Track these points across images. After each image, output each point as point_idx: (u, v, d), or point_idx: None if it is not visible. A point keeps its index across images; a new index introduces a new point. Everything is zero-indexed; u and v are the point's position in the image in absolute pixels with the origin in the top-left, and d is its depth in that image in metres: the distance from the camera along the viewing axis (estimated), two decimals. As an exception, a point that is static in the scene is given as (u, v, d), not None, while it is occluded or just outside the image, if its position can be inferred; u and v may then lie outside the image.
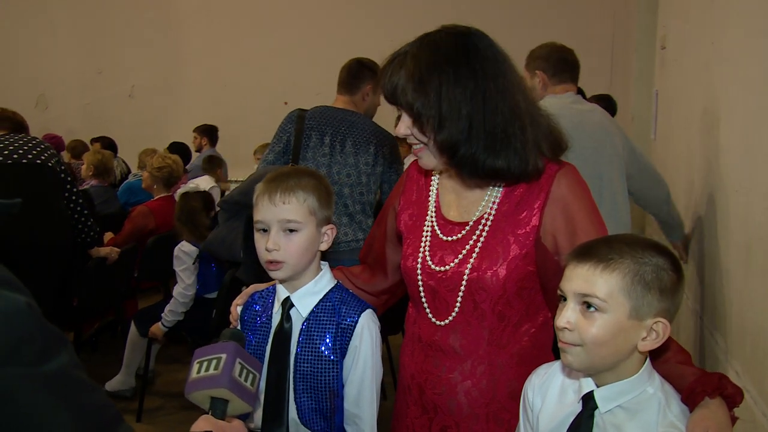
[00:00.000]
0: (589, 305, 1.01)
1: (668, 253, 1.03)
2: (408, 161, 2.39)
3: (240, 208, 2.48)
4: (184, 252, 3.13)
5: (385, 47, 1.27)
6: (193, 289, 3.13)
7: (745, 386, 1.61)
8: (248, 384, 1.02)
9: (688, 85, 2.84)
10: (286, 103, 5.65)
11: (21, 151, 2.90)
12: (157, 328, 3.16)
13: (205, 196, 3.41)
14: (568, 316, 1.02)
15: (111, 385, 3.39)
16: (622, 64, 5.51)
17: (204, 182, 4.57)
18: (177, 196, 3.34)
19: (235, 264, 2.69)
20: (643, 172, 2.44)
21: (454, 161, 1.22)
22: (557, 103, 2.24)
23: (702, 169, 2.40)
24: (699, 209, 2.42)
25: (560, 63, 2.45)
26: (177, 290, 3.13)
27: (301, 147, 2.59)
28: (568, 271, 1.04)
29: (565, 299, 1.04)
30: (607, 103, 4.06)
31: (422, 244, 1.31)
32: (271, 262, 1.29)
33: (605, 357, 1.02)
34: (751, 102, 1.79)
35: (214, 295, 3.19)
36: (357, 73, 2.74)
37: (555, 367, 1.16)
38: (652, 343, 1.01)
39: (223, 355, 1.01)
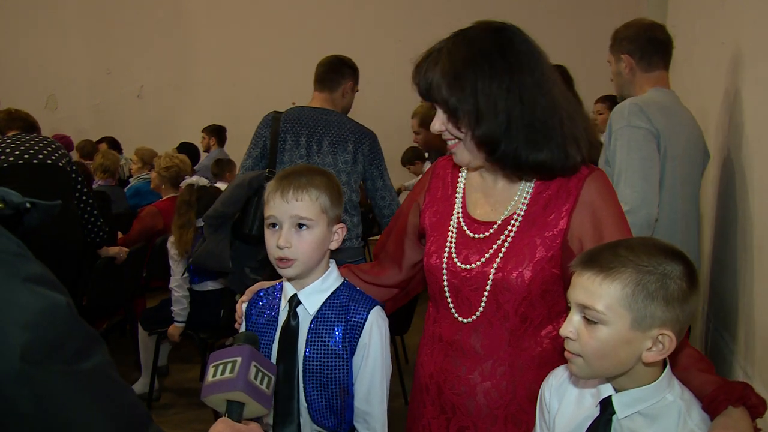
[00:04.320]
0: (589, 316, 0.99)
1: (681, 259, 0.99)
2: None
3: (224, 220, 2.47)
4: (172, 242, 3.17)
5: (392, 47, 1.28)
6: (186, 278, 3.16)
7: (755, 387, 1.60)
8: (264, 387, 1.02)
9: (697, 85, 2.82)
10: (294, 103, 5.66)
11: (32, 151, 2.92)
12: (174, 328, 3.18)
13: (208, 190, 3.42)
14: (571, 325, 1.01)
15: (135, 388, 3.42)
16: (631, 63, 5.47)
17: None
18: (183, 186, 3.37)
19: (225, 273, 2.70)
20: None
21: (495, 156, 1.22)
22: (668, 100, 2.04)
23: (712, 169, 2.38)
24: (709, 210, 2.41)
25: (650, 44, 2.12)
26: (171, 284, 3.17)
27: (277, 150, 2.58)
28: (574, 279, 1.03)
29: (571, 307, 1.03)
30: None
31: (448, 242, 1.31)
32: (281, 259, 1.29)
33: (608, 368, 1.01)
34: (761, 101, 1.79)
35: (206, 287, 3.21)
36: (338, 70, 2.73)
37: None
38: (657, 354, 0.98)
39: (238, 359, 1.01)
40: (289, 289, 1.35)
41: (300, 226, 1.29)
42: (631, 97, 2.09)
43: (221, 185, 4.70)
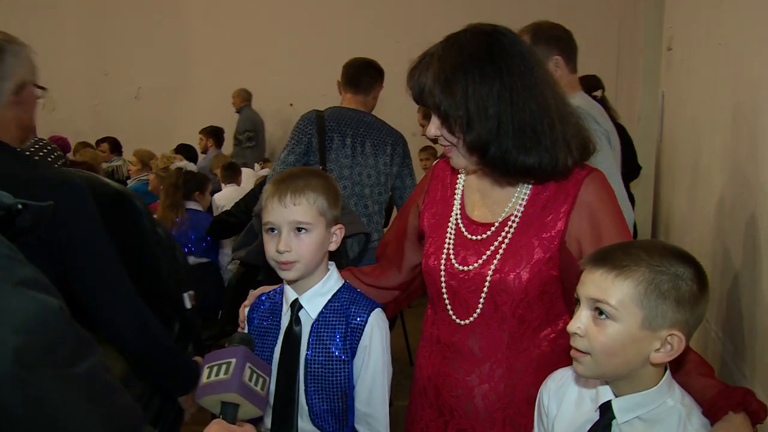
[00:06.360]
0: (600, 312, 0.99)
1: (692, 262, 1.00)
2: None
3: None
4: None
5: (390, 48, 1.28)
6: None
7: (753, 389, 1.60)
8: (258, 388, 1.02)
9: (694, 86, 2.83)
10: (291, 105, 5.67)
11: (27, 153, 2.91)
12: None
13: (196, 176, 3.46)
14: (579, 321, 1.01)
15: None
16: (629, 65, 5.50)
17: (232, 193, 4.32)
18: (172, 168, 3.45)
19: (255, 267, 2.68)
20: None
21: (485, 160, 1.22)
22: (595, 107, 2.00)
23: (709, 170, 2.39)
24: (706, 210, 2.41)
25: (572, 44, 2.07)
26: None
27: (325, 148, 2.62)
28: (584, 276, 1.03)
29: (580, 304, 1.03)
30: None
31: (446, 244, 1.31)
32: (282, 262, 1.29)
33: (616, 367, 1.00)
34: (758, 103, 1.79)
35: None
36: (374, 74, 2.79)
37: (572, 372, 1.14)
38: (665, 355, 0.98)
39: (233, 360, 1.01)
40: (290, 294, 1.35)
41: (299, 229, 1.29)
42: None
43: (231, 188, 4.65)
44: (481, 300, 1.25)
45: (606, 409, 1.04)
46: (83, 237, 1.38)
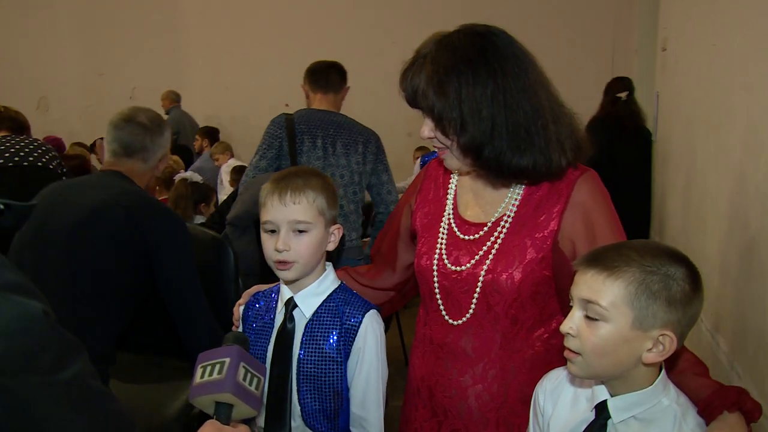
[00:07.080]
0: (591, 312, 0.99)
1: (684, 262, 1.00)
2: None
3: (252, 221, 2.47)
4: None
5: (386, 48, 1.28)
6: None
7: (747, 388, 1.61)
8: (252, 388, 1.01)
9: (689, 87, 2.84)
10: (287, 105, 5.65)
11: (22, 153, 2.90)
12: None
13: (200, 187, 3.42)
14: (572, 321, 1.01)
15: None
16: (624, 65, 5.51)
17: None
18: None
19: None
20: None
21: (479, 162, 1.22)
22: None
23: (702, 170, 2.40)
24: (699, 211, 2.42)
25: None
26: None
27: (296, 152, 2.62)
28: (577, 277, 1.03)
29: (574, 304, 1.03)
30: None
31: (438, 243, 1.30)
32: (280, 262, 1.28)
33: (607, 367, 1.00)
34: (751, 104, 1.80)
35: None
36: (342, 74, 2.81)
37: (568, 372, 1.14)
38: (657, 355, 0.98)
39: (227, 360, 1.00)
40: (285, 292, 1.35)
41: (299, 230, 1.28)
42: None
43: None
44: (474, 300, 1.25)
45: (601, 409, 1.04)
46: (177, 251, 1.83)
